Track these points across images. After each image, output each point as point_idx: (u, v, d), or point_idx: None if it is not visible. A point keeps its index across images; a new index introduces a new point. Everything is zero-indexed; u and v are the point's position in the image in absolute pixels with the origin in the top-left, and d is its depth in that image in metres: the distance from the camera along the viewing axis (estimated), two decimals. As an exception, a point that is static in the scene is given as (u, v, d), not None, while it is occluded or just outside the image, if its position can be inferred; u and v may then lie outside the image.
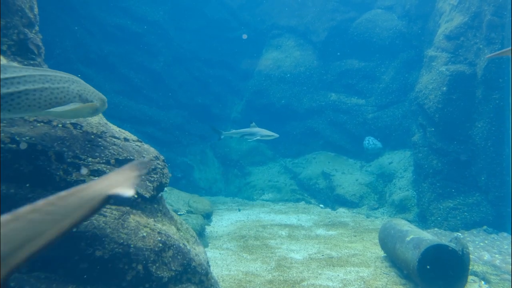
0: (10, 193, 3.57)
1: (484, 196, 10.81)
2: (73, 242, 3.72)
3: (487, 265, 7.79)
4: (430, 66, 12.23)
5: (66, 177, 3.90)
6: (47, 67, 4.94)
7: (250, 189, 15.84)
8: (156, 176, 4.66)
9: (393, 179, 13.61)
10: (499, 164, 10.66)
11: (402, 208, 12.19)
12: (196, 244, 5.16)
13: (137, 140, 4.88)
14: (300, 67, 17.16)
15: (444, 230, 10.50)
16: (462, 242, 6.61)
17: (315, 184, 14.94)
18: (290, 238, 10.00)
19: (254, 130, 10.78)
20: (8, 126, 3.73)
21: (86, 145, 4.16)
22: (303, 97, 17.11)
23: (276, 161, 16.99)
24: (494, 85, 10.62)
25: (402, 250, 7.07)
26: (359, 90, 16.52)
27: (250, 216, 12.36)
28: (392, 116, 15.58)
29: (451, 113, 11.24)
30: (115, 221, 4.00)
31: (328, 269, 7.77)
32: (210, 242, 9.47)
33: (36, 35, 4.72)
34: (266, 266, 7.88)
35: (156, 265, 4.12)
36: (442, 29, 12.10)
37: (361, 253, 8.80)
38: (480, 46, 10.90)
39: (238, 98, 18.48)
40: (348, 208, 13.40)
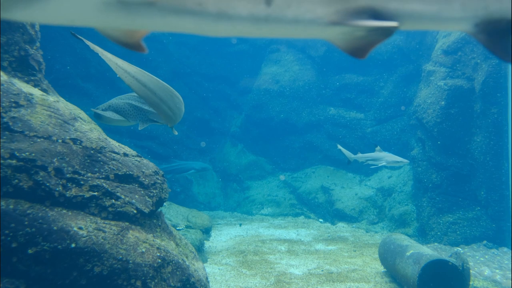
0: (9, 209, 3.56)
1: (484, 211, 10.79)
2: (72, 258, 3.71)
3: (488, 281, 7.74)
4: (429, 80, 12.30)
5: (66, 192, 3.90)
6: (47, 82, 4.97)
7: (249, 203, 15.79)
8: (156, 191, 4.65)
9: (393, 193, 13.59)
10: (498, 178, 10.65)
11: (402, 223, 12.15)
12: (195, 259, 5.14)
13: (136, 155, 4.89)
14: (299, 81, 17.23)
15: (444, 245, 10.45)
16: (462, 257, 6.58)
17: (314, 199, 14.90)
18: (290, 253, 9.95)
19: (380, 154, 10.03)
20: (8, 142, 3.74)
21: (86, 161, 4.17)
22: (302, 111, 17.15)
23: (275, 176, 16.97)
24: (492, 99, 10.67)
25: (402, 265, 7.04)
26: (358, 104, 16.58)
27: (249, 231, 12.31)
28: (391, 130, 15.61)
29: (449, 127, 11.28)
30: (114, 236, 3.99)
31: (328, 284, 7.72)
32: (209, 258, 9.42)
33: (37, 51, 4.75)
34: (265, 281, 7.83)
35: (155, 281, 4.09)
36: (440, 44, 12.19)
37: (361, 268, 8.75)
38: (478, 60, 10.97)
39: (237, 113, 18.52)
40: (348, 223, 13.36)
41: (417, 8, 1.57)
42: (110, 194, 4.19)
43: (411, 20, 1.60)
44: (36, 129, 3.98)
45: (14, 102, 3.98)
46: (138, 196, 4.42)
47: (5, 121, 3.82)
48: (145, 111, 5.29)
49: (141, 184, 4.54)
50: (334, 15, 1.51)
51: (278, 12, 1.46)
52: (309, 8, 1.48)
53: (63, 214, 3.82)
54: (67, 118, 4.38)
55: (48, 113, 4.20)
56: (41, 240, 3.59)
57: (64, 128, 4.23)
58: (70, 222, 3.80)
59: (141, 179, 4.57)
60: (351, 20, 1.52)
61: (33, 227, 3.60)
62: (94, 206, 4.06)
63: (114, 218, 4.15)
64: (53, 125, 4.15)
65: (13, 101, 3.98)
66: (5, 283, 3.48)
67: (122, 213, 4.21)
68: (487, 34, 1.67)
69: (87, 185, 4.06)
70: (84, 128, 4.46)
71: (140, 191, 4.48)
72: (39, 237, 3.60)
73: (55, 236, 3.67)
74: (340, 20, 1.52)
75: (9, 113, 3.89)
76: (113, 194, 4.21)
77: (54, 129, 4.12)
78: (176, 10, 1.38)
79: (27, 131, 3.90)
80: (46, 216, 3.70)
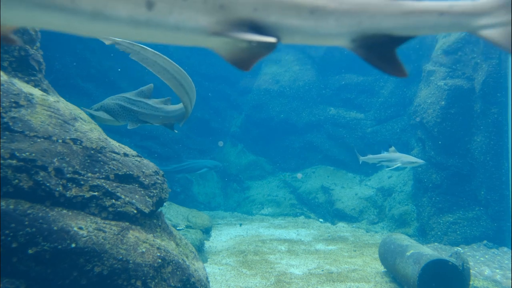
0: (10, 209, 3.56)
1: (484, 211, 10.78)
2: (72, 258, 3.71)
3: (488, 280, 7.74)
4: (429, 80, 12.30)
5: (66, 192, 3.90)
6: (47, 82, 4.97)
7: (249, 203, 15.80)
8: (156, 191, 4.65)
9: (393, 193, 13.59)
10: (498, 178, 10.65)
11: (402, 223, 12.15)
12: (195, 259, 5.14)
13: (136, 155, 4.89)
14: (299, 81, 17.24)
15: (444, 245, 10.45)
16: (463, 257, 6.59)
17: (314, 199, 14.90)
18: (290, 253, 9.95)
19: (394, 155, 9.86)
20: (8, 142, 3.74)
21: (86, 161, 4.17)
22: (302, 111, 17.16)
23: (275, 175, 16.97)
24: (492, 99, 10.67)
25: (402, 265, 7.04)
26: (358, 104, 16.58)
27: (250, 231, 12.30)
28: (391, 130, 15.62)
29: (450, 127, 11.27)
30: (114, 236, 3.99)
31: (328, 284, 7.72)
32: (209, 258, 9.42)
33: (37, 52, 4.75)
34: (265, 281, 7.83)
35: (155, 281, 4.09)
36: (440, 44, 12.19)
37: (361, 268, 8.75)
38: (478, 60, 10.97)
39: (237, 113, 18.52)
40: (348, 223, 13.36)
41: (296, 23, 1.61)
42: (110, 194, 4.19)
43: (291, 35, 1.64)
44: (36, 129, 3.98)
45: (14, 102, 3.98)
46: (138, 196, 4.42)
47: (5, 121, 3.82)
48: (134, 112, 5.48)
49: (141, 184, 4.55)
50: (216, 25, 1.52)
51: (159, 17, 1.44)
52: (191, 16, 1.48)
53: (63, 214, 3.82)
54: (67, 118, 4.38)
55: (48, 113, 4.20)
56: (41, 240, 3.60)
57: (64, 128, 4.23)
58: (70, 222, 3.80)
59: (141, 179, 4.57)
60: (232, 32, 1.53)
61: (33, 227, 3.60)
62: (94, 206, 4.06)
63: (114, 218, 4.15)
64: (53, 125, 4.15)
65: (13, 101, 3.98)
66: (5, 283, 3.48)
67: (122, 213, 4.21)
68: (365, 49, 1.74)
69: (87, 185, 4.06)
70: (84, 128, 4.46)
71: (140, 191, 4.48)
72: (39, 237, 3.60)
73: (55, 236, 3.67)
74: (222, 30, 1.53)
75: (9, 113, 3.89)
76: (113, 194, 4.21)
77: (54, 129, 4.12)
78: (44, 4, 1.32)
79: (27, 131, 3.90)
80: (46, 216, 3.70)
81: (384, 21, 1.69)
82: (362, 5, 1.68)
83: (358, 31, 1.69)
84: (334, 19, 1.64)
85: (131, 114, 5.52)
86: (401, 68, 1.82)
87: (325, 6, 1.63)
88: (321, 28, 1.64)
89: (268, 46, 1.59)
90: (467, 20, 1.76)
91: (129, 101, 5.52)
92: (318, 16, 1.62)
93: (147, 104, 5.63)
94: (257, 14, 1.55)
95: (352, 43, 1.73)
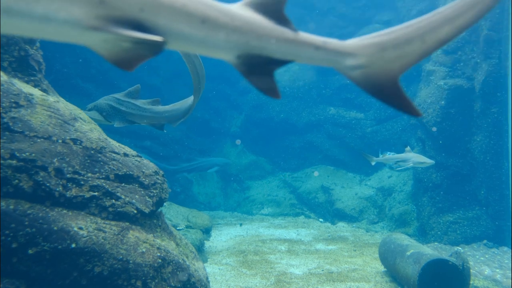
0: (10, 209, 3.56)
1: (484, 210, 10.78)
2: (72, 258, 3.71)
3: (488, 280, 7.75)
4: (429, 80, 12.30)
5: (66, 192, 3.90)
6: (47, 83, 4.97)
7: (249, 203, 15.80)
8: (156, 191, 4.65)
9: (393, 193, 13.59)
10: (498, 178, 10.65)
11: (402, 222, 12.15)
12: (196, 259, 5.14)
13: (136, 155, 4.89)
14: (299, 81, 17.24)
15: (444, 244, 10.45)
16: (463, 256, 6.59)
17: (314, 198, 14.90)
18: (290, 253, 9.95)
19: (408, 155, 9.66)
20: (8, 142, 3.74)
21: (86, 161, 4.17)
22: (302, 111, 17.16)
23: (275, 175, 16.97)
24: (492, 99, 10.67)
25: (403, 265, 7.04)
26: (358, 104, 16.58)
27: (250, 231, 12.30)
28: (391, 130, 15.62)
29: (449, 127, 11.27)
30: (114, 236, 3.99)
31: (328, 284, 7.72)
32: (209, 257, 9.42)
33: (37, 52, 4.75)
34: (265, 281, 7.83)
35: (155, 281, 4.09)
36: (440, 44, 12.18)
37: (361, 268, 8.75)
38: (478, 60, 10.97)
39: (237, 113, 18.52)
40: (348, 223, 13.36)
41: (186, 30, 1.60)
42: (110, 194, 4.19)
43: (180, 41, 1.63)
44: (36, 129, 3.98)
45: (14, 102, 3.98)
46: (138, 196, 4.42)
47: (5, 121, 3.82)
48: (122, 112, 5.74)
49: (141, 184, 4.55)
50: (95, 20, 1.43)
51: (23, 5, 1.29)
52: (64, 6, 1.36)
53: (63, 214, 3.82)
54: (67, 118, 4.38)
55: (48, 113, 4.20)
56: (41, 240, 3.60)
57: (64, 128, 4.23)
58: (70, 222, 3.80)
59: (141, 179, 4.57)
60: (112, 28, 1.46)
61: (34, 227, 3.60)
62: (94, 206, 4.06)
63: (114, 218, 4.15)
64: (53, 125, 4.15)
65: (13, 101, 3.98)
66: (5, 283, 3.48)
67: (122, 213, 4.21)
68: (247, 66, 1.79)
69: (87, 185, 4.06)
70: (84, 128, 4.46)
71: (140, 191, 4.48)
72: (40, 237, 3.60)
73: (56, 236, 3.67)
74: (102, 26, 1.44)
75: (9, 113, 3.89)
76: (113, 194, 4.21)
77: (54, 129, 4.12)
78: None
79: (27, 131, 3.90)
80: (47, 216, 3.70)
81: (269, 44, 1.75)
82: (252, 25, 1.72)
83: (244, 49, 1.73)
84: (225, 33, 1.66)
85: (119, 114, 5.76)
86: (275, 89, 1.91)
87: (217, 18, 1.64)
88: (210, 40, 1.66)
89: (153, 47, 1.55)
90: (337, 58, 1.86)
91: (117, 101, 5.77)
92: (209, 27, 1.63)
93: (134, 105, 5.88)
94: (144, 15, 1.50)
95: (237, 59, 1.77)
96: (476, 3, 1.79)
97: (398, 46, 1.85)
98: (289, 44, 1.78)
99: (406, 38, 1.84)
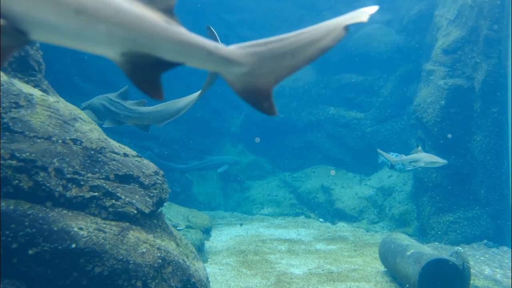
0: (10, 209, 3.56)
1: (484, 210, 10.78)
2: (72, 258, 3.71)
3: (488, 280, 7.74)
4: (428, 80, 12.29)
5: (66, 193, 3.90)
6: (47, 83, 4.97)
7: (249, 203, 15.79)
8: (156, 191, 4.65)
9: (393, 193, 13.58)
10: (498, 177, 10.65)
11: (402, 222, 12.15)
12: (196, 259, 5.14)
13: (136, 155, 4.89)
14: (299, 81, 17.23)
15: (444, 244, 10.45)
16: (463, 256, 6.58)
17: (314, 198, 14.90)
18: (290, 253, 9.95)
19: (419, 155, 9.44)
20: (8, 142, 3.74)
21: (86, 161, 4.17)
22: (301, 111, 17.16)
23: (275, 175, 16.97)
24: (492, 98, 10.66)
25: (403, 264, 7.04)
26: (358, 104, 16.58)
27: (250, 231, 12.30)
28: (390, 130, 15.61)
29: (449, 127, 11.26)
30: (115, 237, 3.99)
31: (328, 284, 7.72)
32: (209, 258, 9.42)
33: (37, 52, 4.75)
34: (265, 281, 7.82)
35: (156, 282, 4.09)
36: (440, 43, 12.18)
37: (362, 268, 8.75)
38: (478, 60, 10.96)
39: (237, 113, 18.51)
40: (348, 222, 13.36)
41: (53, 20, 1.41)
42: (110, 194, 4.19)
43: (47, 32, 1.47)
44: (36, 129, 3.98)
45: (14, 102, 3.98)
46: (139, 196, 4.42)
47: (5, 122, 3.82)
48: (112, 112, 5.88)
49: (141, 184, 4.55)
50: None
51: None
52: None
53: (63, 214, 3.82)
54: (67, 119, 4.38)
55: (48, 114, 4.20)
56: (41, 240, 3.59)
57: (64, 129, 4.23)
58: (70, 223, 3.80)
59: (141, 179, 4.57)
60: None
61: (34, 227, 3.60)
62: (94, 207, 4.06)
63: (114, 218, 4.15)
64: (53, 125, 4.15)
65: (13, 102, 3.98)
66: (5, 284, 3.48)
67: (123, 213, 4.21)
68: (132, 65, 1.67)
69: (87, 185, 4.06)
70: (84, 129, 4.46)
71: (141, 191, 4.48)
72: (40, 237, 3.60)
73: (56, 237, 3.67)
74: None
75: (9, 113, 3.89)
76: (113, 195, 4.21)
77: (54, 130, 4.12)
78: None
79: (27, 132, 3.90)
80: (47, 216, 3.70)
81: (160, 44, 1.64)
82: (142, 22, 1.58)
83: (131, 46, 1.60)
84: (106, 27, 1.50)
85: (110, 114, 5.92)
86: (160, 92, 1.80)
87: (96, 10, 1.46)
88: (87, 33, 1.50)
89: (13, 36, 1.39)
90: (226, 65, 1.80)
91: (109, 102, 5.91)
92: (86, 19, 1.45)
93: (122, 105, 5.99)
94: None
95: (121, 57, 1.64)
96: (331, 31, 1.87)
97: (275, 58, 1.86)
98: (182, 45, 1.69)
99: (280, 51, 1.85)
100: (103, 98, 5.97)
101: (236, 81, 1.88)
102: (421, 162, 9.29)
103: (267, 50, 1.84)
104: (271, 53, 1.85)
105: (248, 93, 1.93)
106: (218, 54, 1.75)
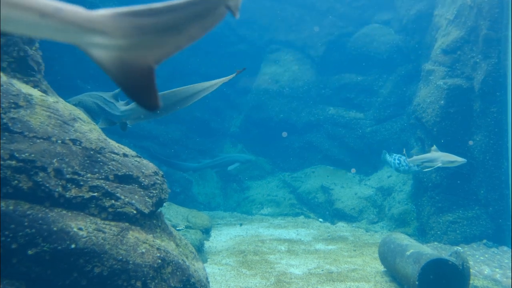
0: (9, 210, 3.56)
1: (483, 210, 10.78)
2: (72, 258, 3.70)
3: (488, 280, 7.75)
4: (428, 80, 12.29)
5: (65, 193, 3.90)
6: (46, 83, 4.97)
7: (249, 203, 15.79)
8: (155, 191, 4.65)
9: (392, 192, 13.59)
10: (498, 177, 10.65)
11: (402, 222, 12.15)
12: (195, 260, 5.14)
13: (136, 155, 4.88)
14: (298, 81, 17.23)
15: (444, 244, 10.45)
16: (462, 256, 6.59)
17: (314, 198, 14.90)
18: (290, 253, 9.95)
19: (435, 155, 9.04)
20: (7, 143, 3.74)
21: (85, 161, 4.17)
22: (301, 111, 17.16)
23: (275, 175, 16.97)
24: (492, 98, 10.66)
25: (402, 264, 7.04)
26: (358, 104, 16.59)
27: (249, 231, 12.30)
28: (390, 130, 15.62)
29: (449, 127, 11.26)
30: (114, 237, 3.99)
31: (328, 284, 7.72)
32: (209, 258, 9.42)
33: (36, 52, 4.75)
34: (265, 281, 7.82)
35: (155, 282, 4.09)
36: (439, 43, 12.19)
37: (361, 268, 8.75)
38: (477, 60, 10.97)
39: (236, 113, 18.51)
40: (348, 222, 13.36)
41: None
42: (110, 194, 4.19)
43: None
44: (36, 130, 3.98)
45: (13, 103, 3.98)
46: (138, 196, 4.42)
47: (4, 122, 3.82)
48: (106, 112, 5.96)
49: (140, 185, 4.54)
50: None
51: None
52: None
53: (63, 215, 3.82)
54: (66, 119, 4.37)
55: (48, 114, 4.20)
56: (41, 241, 3.59)
57: (63, 129, 4.23)
58: (70, 223, 3.80)
59: (140, 180, 4.57)
60: None
61: (33, 228, 3.60)
62: (94, 207, 4.06)
63: (114, 218, 4.15)
64: (52, 125, 4.15)
65: (12, 102, 3.98)
66: (5, 284, 3.48)
67: (122, 213, 4.21)
68: None
69: (86, 185, 4.05)
70: (83, 129, 4.46)
71: (140, 192, 4.48)
72: (39, 238, 3.59)
73: (55, 237, 3.66)
74: None
75: (8, 114, 3.89)
76: (113, 195, 4.21)
77: (53, 130, 4.12)
78: None
79: (26, 132, 3.90)
80: (46, 217, 3.70)
81: None
82: None
83: None
84: None
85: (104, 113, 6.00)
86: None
87: None
88: None
89: None
90: (77, 33, 1.41)
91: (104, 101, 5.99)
92: None
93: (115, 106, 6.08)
94: None
95: None
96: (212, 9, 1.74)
97: (158, 32, 1.56)
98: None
99: (164, 25, 1.56)
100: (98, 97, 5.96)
101: (102, 55, 1.51)
102: (438, 162, 8.87)
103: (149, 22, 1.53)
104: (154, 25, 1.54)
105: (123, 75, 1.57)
106: (59, 18, 1.34)
